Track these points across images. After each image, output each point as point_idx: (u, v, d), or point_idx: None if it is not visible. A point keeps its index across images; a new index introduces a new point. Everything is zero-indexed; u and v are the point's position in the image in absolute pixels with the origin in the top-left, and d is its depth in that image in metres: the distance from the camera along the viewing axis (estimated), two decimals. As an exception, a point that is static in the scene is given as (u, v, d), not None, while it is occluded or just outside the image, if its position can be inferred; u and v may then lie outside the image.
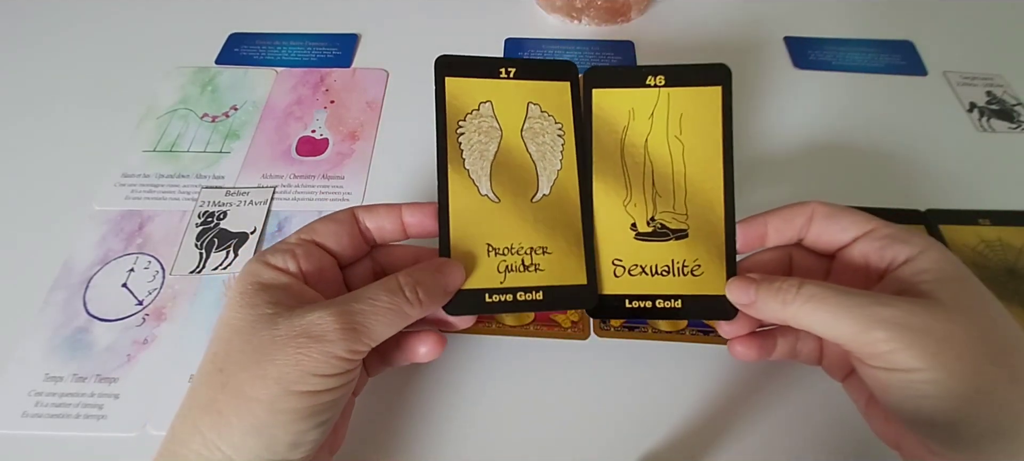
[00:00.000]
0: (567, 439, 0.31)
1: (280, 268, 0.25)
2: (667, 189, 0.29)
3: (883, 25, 0.52)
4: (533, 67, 0.30)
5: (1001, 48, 0.50)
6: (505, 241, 0.28)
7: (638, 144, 0.29)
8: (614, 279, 0.29)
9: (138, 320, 0.35)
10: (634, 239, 0.29)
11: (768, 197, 0.40)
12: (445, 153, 0.28)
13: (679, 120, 0.29)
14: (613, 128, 0.30)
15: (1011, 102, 0.46)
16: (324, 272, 0.27)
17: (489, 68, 0.30)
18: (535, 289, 0.28)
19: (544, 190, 0.29)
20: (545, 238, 0.29)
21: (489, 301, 0.28)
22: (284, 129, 0.44)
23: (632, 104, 0.30)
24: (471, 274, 0.28)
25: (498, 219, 0.28)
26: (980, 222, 0.39)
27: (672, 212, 0.29)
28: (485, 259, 0.28)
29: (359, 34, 0.51)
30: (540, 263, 0.28)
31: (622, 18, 0.52)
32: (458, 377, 0.33)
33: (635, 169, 0.29)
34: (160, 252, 0.38)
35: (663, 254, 0.29)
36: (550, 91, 0.30)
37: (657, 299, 0.29)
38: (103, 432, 0.31)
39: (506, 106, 0.30)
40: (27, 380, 0.32)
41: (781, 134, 0.44)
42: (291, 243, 0.26)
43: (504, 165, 0.29)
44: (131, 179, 0.41)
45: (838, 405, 0.32)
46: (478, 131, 0.29)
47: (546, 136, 0.30)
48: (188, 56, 0.50)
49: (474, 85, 0.29)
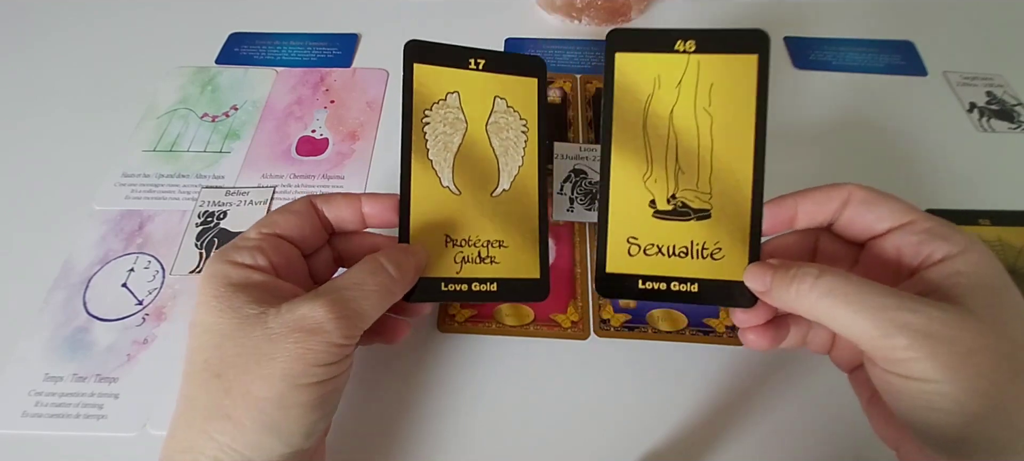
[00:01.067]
0: (567, 439, 0.31)
1: (249, 265, 0.25)
2: (691, 165, 0.27)
3: (883, 25, 0.52)
4: (503, 60, 0.30)
5: (1001, 48, 0.50)
6: (463, 233, 0.29)
7: (663, 115, 0.27)
8: (628, 258, 0.28)
9: (138, 320, 0.35)
10: (652, 217, 0.28)
11: (766, 198, 0.40)
12: (409, 142, 0.28)
13: (709, 91, 0.27)
14: (636, 97, 0.28)
15: (1011, 102, 0.46)
16: (292, 264, 0.27)
17: (459, 57, 0.29)
18: (490, 281, 0.28)
19: (504, 185, 0.30)
20: (502, 232, 0.29)
21: (445, 289, 0.28)
22: (284, 129, 0.44)
23: (658, 71, 0.27)
24: (429, 263, 0.28)
25: (457, 211, 0.29)
26: (980, 222, 0.39)
27: (695, 190, 0.27)
28: (443, 249, 0.28)
29: (359, 34, 0.51)
30: (496, 256, 0.29)
31: (622, 18, 0.52)
32: (458, 377, 0.33)
33: (658, 142, 0.28)
34: (160, 252, 0.37)
35: (682, 234, 0.27)
36: (517, 86, 0.30)
37: (673, 281, 0.27)
38: (103, 432, 0.31)
39: (473, 98, 0.29)
40: (27, 380, 0.32)
41: (781, 134, 0.44)
42: (253, 239, 0.26)
43: (467, 158, 0.29)
44: (131, 179, 0.41)
45: (838, 405, 0.32)
46: (443, 122, 0.29)
47: (510, 132, 0.30)
48: (188, 56, 0.50)
49: (442, 74, 0.29)
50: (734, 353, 0.34)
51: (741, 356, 0.33)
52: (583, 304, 0.35)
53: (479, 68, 0.30)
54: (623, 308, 0.35)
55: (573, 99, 0.46)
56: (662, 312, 0.35)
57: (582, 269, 0.37)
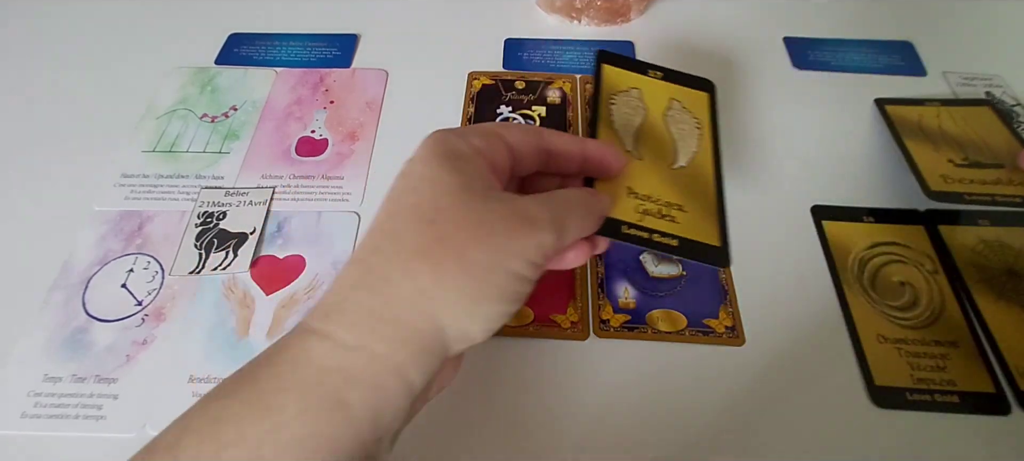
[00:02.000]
0: (567, 439, 0.31)
1: (478, 148, 0.24)
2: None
3: (883, 25, 0.52)
4: (678, 75, 0.35)
5: (1001, 48, 0.50)
6: (645, 190, 0.30)
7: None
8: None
9: (137, 320, 0.35)
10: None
11: (766, 198, 0.40)
12: (597, 115, 0.32)
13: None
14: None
15: (1011, 102, 0.46)
16: (503, 173, 0.26)
17: (640, 67, 0.35)
18: (671, 236, 0.28)
19: (682, 162, 0.32)
20: (682, 199, 0.30)
21: (626, 232, 0.28)
22: (284, 129, 0.44)
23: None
24: (612, 207, 0.28)
25: (639, 171, 0.30)
26: (980, 223, 0.39)
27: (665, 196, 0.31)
28: (625, 199, 0.29)
29: (359, 34, 0.51)
30: (676, 216, 0.29)
31: (622, 18, 0.52)
32: (457, 377, 0.33)
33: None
34: (159, 252, 0.37)
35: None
36: (691, 95, 0.35)
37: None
38: (102, 433, 0.31)
39: (652, 96, 0.34)
40: (26, 381, 0.32)
41: (781, 134, 0.44)
42: (482, 132, 0.25)
43: (647, 135, 0.32)
44: (130, 179, 0.41)
45: (840, 406, 0.32)
46: (627, 106, 0.33)
47: (685, 125, 0.33)
48: (188, 56, 0.50)
49: (626, 75, 0.34)
50: (734, 353, 0.34)
51: (741, 356, 0.33)
52: (583, 305, 0.35)
53: (658, 77, 0.35)
54: (623, 308, 0.35)
55: (573, 100, 0.46)
56: (662, 312, 0.35)
57: (582, 270, 0.37)
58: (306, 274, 0.37)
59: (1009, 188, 0.37)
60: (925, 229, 0.39)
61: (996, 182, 0.37)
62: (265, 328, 0.34)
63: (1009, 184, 0.37)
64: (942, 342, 0.34)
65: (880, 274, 0.36)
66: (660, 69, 0.35)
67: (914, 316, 0.35)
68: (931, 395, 0.32)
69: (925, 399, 0.32)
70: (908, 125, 0.42)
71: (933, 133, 0.42)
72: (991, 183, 0.37)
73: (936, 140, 0.41)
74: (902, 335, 0.34)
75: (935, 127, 0.42)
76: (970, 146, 0.40)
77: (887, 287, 0.36)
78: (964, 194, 0.36)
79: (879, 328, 0.34)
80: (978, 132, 0.41)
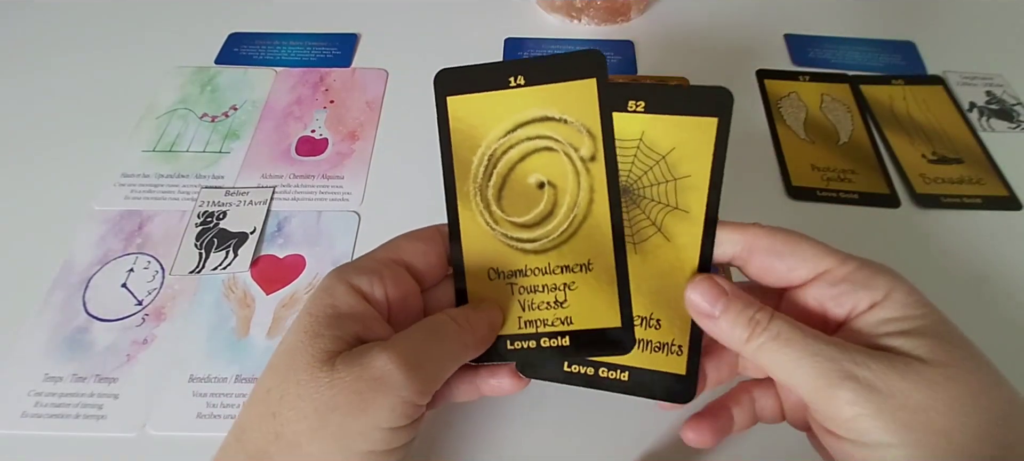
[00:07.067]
0: (566, 440, 0.31)
1: (365, 293, 0.23)
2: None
3: (884, 25, 0.52)
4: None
5: (1001, 48, 0.50)
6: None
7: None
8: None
9: (137, 320, 0.35)
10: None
11: (766, 198, 0.40)
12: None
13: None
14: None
15: (1011, 102, 0.46)
16: (408, 300, 0.24)
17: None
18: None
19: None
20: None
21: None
22: (284, 129, 0.44)
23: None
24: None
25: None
26: None
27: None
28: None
29: (359, 34, 0.51)
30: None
31: (622, 18, 0.52)
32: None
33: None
34: (160, 252, 0.37)
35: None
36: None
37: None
38: (102, 432, 0.31)
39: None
40: (26, 380, 0.32)
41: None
42: (379, 261, 0.24)
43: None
44: (131, 179, 0.41)
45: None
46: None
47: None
48: (188, 56, 0.50)
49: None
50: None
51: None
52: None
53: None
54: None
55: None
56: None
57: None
58: (306, 274, 0.37)
59: (969, 187, 0.40)
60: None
61: (961, 181, 0.41)
62: (265, 328, 0.34)
63: (970, 183, 0.41)
64: None
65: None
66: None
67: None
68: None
69: None
70: (883, 111, 0.45)
71: (905, 121, 0.44)
72: (956, 182, 0.41)
73: (909, 130, 0.44)
74: None
75: (904, 112, 0.45)
76: (936, 138, 0.43)
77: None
78: (941, 196, 0.40)
79: None
80: (939, 120, 0.44)
